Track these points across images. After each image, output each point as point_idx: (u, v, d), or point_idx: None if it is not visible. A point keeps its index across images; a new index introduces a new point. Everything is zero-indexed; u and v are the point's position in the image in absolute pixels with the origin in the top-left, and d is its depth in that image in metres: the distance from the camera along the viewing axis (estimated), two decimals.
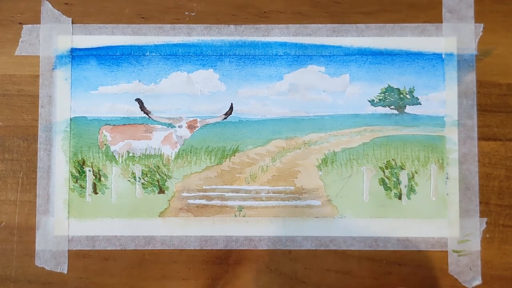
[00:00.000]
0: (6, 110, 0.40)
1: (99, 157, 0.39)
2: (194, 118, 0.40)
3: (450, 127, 0.39)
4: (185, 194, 0.39)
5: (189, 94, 0.40)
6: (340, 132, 0.40)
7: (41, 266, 0.38)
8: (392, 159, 0.39)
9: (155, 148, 0.40)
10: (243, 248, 0.39)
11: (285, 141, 0.40)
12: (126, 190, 0.39)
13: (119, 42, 0.40)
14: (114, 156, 0.40)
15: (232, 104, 0.40)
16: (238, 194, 0.39)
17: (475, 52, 0.39)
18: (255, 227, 0.39)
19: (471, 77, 0.39)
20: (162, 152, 0.40)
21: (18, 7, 0.40)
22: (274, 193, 0.39)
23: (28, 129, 0.39)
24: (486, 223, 0.38)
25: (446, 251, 0.38)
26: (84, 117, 0.40)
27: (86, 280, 0.38)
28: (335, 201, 0.39)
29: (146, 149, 0.40)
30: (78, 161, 0.39)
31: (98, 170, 0.39)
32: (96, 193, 0.39)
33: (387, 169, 0.39)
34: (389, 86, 0.40)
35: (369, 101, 0.40)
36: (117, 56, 0.40)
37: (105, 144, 0.40)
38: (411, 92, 0.40)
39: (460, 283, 0.38)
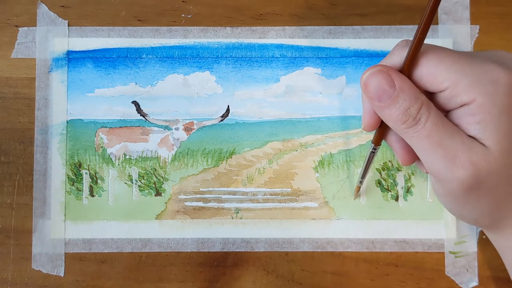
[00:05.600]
0: (2, 113, 0.40)
1: (96, 159, 0.39)
2: (191, 121, 0.40)
3: None
4: (182, 196, 0.39)
5: (186, 96, 0.40)
6: (336, 134, 0.40)
7: (38, 269, 0.38)
8: (389, 161, 0.40)
9: (151, 151, 0.40)
10: (240, 251, 0.39)
11: (282, 143, 0.40)
12: (122, 192, 0.39)
13: (116, 44, 0.40)
14: (111, 159, 0.40)
15: (228, 106, 0.40)
16: (235, 196, 0.39)
17: None
18: (252, 229, 0.39)
19: None
20: (158, 155, 0.40)
21: (14, 9, 0.40)
22: (271, 195, 0.39)
23: (24, 132, 0.39)
24: None
25: (443, 253, 0.39)
26: (81, 119, 0.39)
27: (83, 283, 0.38)
28: (332, 203, 0.39)
29: (142, 152, 0.40)
30: (74, 164, 0.39)
31: (95, 173, 0.39)
32: (92, 195, 0.39)
33: (383, 170, 0.40)
34: None
35: None
36: (113, 59, 0.40)
37: (102, 147, 0.40)
38: None
39: (457, 284, 0.38)
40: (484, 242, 0.38)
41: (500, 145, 0.25)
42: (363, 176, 0.36)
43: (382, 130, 0.30)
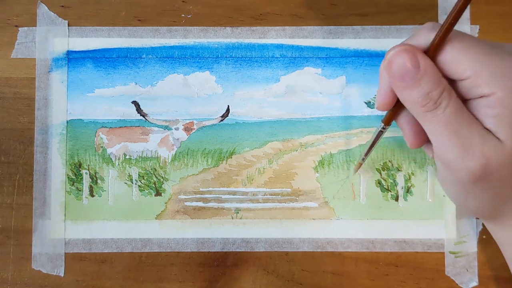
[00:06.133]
0: (2, 113, 0.40)
1: (96, 159, 0.39)
2: (191, 121, 0.40)
3: None
4: (182, 196, 0.39)
5: (186, 96, 0.40)
6: (336, 134, 0.40)
7: (38, 269, 0.38)
8: (389, 161, 0.40)
9: (151, 151, 0.40)
10: (240, 251, 0.39)
11: (282, 143, 0.40)
12: (122, 192, 0.39)
13: (116, 44, 0.40)
14: (111, 159, 0.40)
15: (228, 106, 0.40)
16: (235, 196, 0.39)
17: None
18: (252, 229, 0.39)
19: None
20: (158, 155, 0.40)
21: (14, 9, 0.40)
22: (271, 195, 0.39)
23: (24, 132, 0.39)
24: (483, 224, 0.38)
25: (443, 253, 0.39)
26: (81, 119, 0.39)
27: (83, 283, 0.38)
28: (332, 203, 0.39)
29: (142, 152, 0.40)
30: (74, 164, 0.39)
31: (95, 173, 0.39)
32: (92, 195, 0.39)
33: (383, 170, 0.40)
34: None
35: (365, 102, 0.40)
36: (113, 59, 0.40)
37: (102, 147, 0.40)
38: None
39: (457, 284, 0.38)
40: (484, 242, 0.38)
41: None
42: (367, 153, 0.35)
43: (395, 110, 0.30)
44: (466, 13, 0.39)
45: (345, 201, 0.39)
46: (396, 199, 0.39)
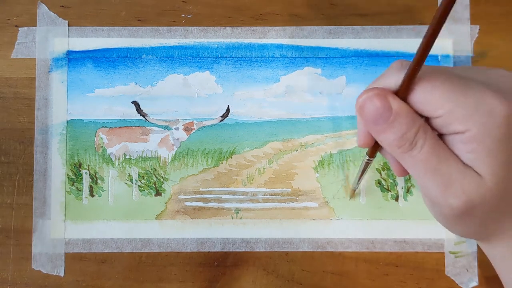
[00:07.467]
0: (2, 113, 0.40)
1: (96, 159, 0.39)
2: (191, 121, 0.40)
3: None
4: (182, 196, 0.39)
5: (186, 96, 0.40)
6: (336, 134, 0.40)
7: (38, 269, 0.38)
8: None
9: (151, 151, 0.40)
10: (240, 251, 0.39)
11: (282, 143, 0.40)
12: (122, 192, 0.39)
13: (116, 44, 0.40)
14: (111, 159, 0.40)
15: (228, 106, 0.40)
16: (235, 196, 0.39)
17: (471, 53, 0.39)
18: (252, 229, 0.39)
19: None
20: (158, 155, 0.40)
21: (14, 9, 0.40)
22: (271, 195, 0.39)
23: (24, 132, 0.39)
24: None
25: (443, 253, 0.39)
26: (81, 119, 0.39)
27: (83, 283, 0.38)
28: (332, 203, 0.39)
29: (142, 152, 0.40)
30: (74, 164, 0.39)
31: (95, 173, 0.39)
32: (92, 195, 0.39)
33: (383, 170, 0.40)
34: None
35: None
36: (113, 59, 0.40)
37: (102, 147, 0.40)
38: None
39: (457, 284, 0.38)
40: None
41: (494, 175, 0.25)
42: (358, 181, 0.36)
43: (377, 145, 0.30)
44: (466, 13, 0.40)
45: (345, 201, 0.39)
46: (396, 199, 0.39)
